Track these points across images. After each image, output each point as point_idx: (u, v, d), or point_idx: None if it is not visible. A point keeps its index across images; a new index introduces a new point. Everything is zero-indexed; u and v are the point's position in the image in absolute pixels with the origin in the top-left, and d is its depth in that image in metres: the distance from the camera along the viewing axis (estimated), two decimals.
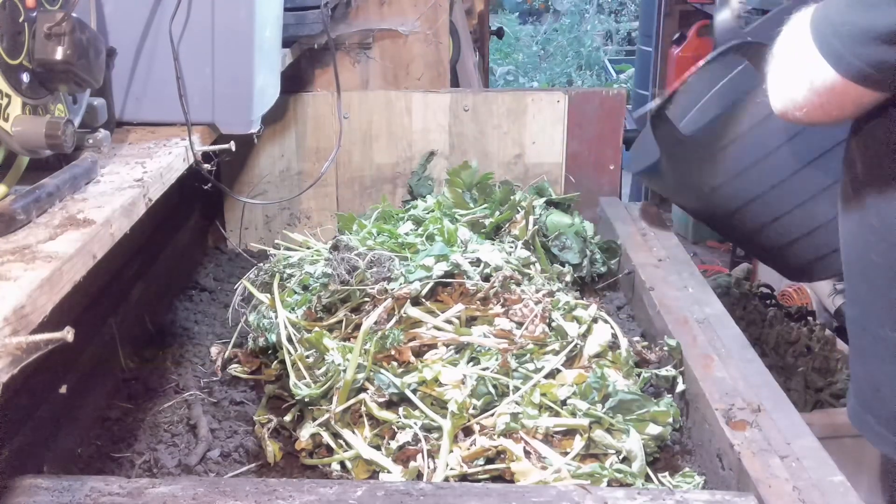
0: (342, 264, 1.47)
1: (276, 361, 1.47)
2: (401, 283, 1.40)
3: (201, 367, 1.55)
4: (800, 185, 1.64)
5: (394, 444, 1.22)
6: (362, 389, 1.29)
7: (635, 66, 6.10)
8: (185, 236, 1.99)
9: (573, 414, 1.24)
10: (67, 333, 0.70)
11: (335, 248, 1.56)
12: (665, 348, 1.39)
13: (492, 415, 1.24)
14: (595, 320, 1.48)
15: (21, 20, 0.85)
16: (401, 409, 1.27)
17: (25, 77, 0.87)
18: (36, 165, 0.96)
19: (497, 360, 1.31)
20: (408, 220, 1.82)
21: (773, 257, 1.84)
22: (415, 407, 1.26)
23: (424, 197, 2.02)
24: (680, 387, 1.34)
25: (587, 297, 1.77)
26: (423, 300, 1.41)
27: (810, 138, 1.58)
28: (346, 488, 1.04)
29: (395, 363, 1.33)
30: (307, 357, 1.38)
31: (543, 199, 1.93)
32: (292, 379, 1.35)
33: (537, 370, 1.31)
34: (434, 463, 1.19)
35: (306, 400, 1.31)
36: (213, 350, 1.56)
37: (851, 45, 1.10)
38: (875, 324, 1.23)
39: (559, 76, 8.63)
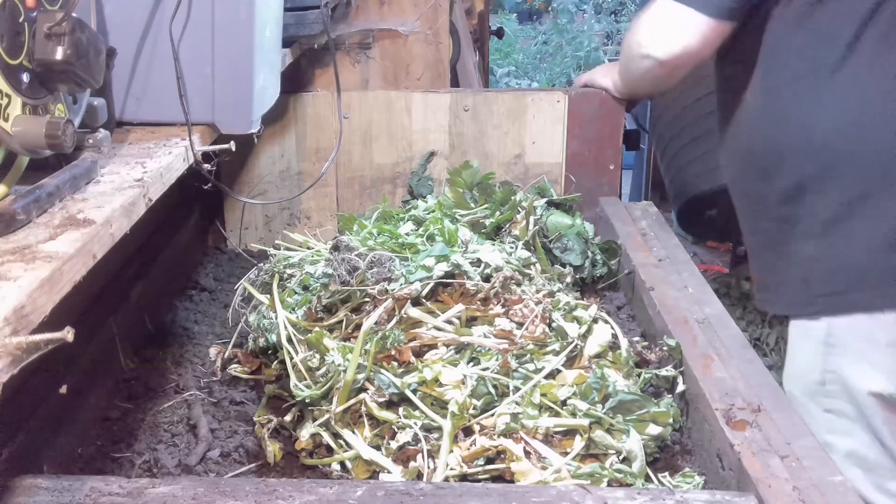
0: (343, 265, 1.47)
1: (276, 361, 1.47)
2: (401, 284, 1.40)
3: (201, 367, 1.55)
4: None
5: (394, 444, 1.22)
6: (362, 389, 1.29)
7: None
8: (185, 236, 1.99)
9: (573, 414, 1.24)
10: (67, 333, 0.70)
11: (336, 248, 1.56)
12: (665, 348, 1.39)
13: (492, 415, 1.24)
14: (595, 320, 1.48)
15: (21, 20, 0.85)
16: (401, 409, 1.27)
17: (25, 77, 0.87)
18: (36, 165, 0.96)
19: (497, 360, 1.31)
20: (408, 220, 1.82)
21: None
22: (415, 407, 1.26)
23: (425, 197, 2.02)
24: (680, 387, 1.34)
25: (587, 297, 1.77)
26: (424, 300, 1.41)
27: None
28: (346, 488, 1.04)
29: (395, 363, 1.33)
30: (308, 359, 1.37)
31: (544, 200, 1.93)
32: (293, 380, 1.35)
33: (537, 370, 1.31)
34: (434, 463, 1.19)
35: (307, 401, 1.31)
36: (212, 351, 1.56)
37: None
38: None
39: (559, 76, 8.62)
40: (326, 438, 1.27)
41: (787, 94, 1.52)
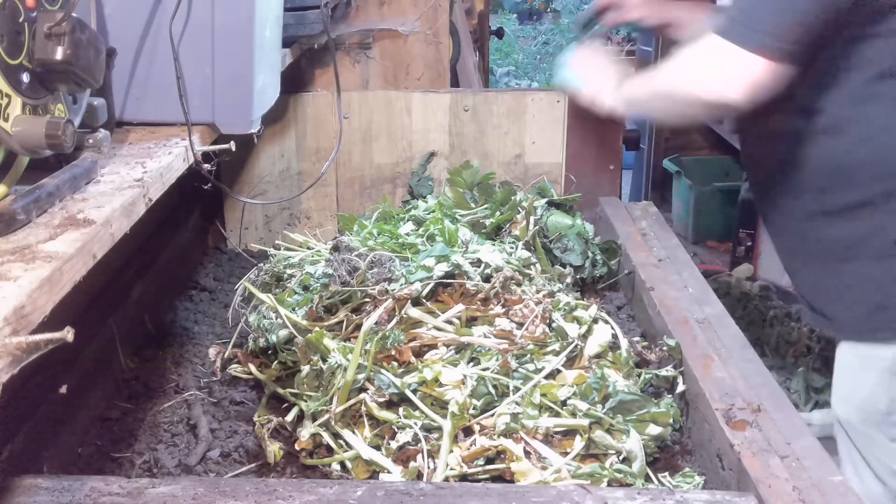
0: (343, 265, 1.47)
1: (276, 361, 1.47)
2: (402, 284, 1.40)
3: (201, 367, 1.55)
4: None
5: (394, 445, 1.22)
6: (363, 389, 1.29)
7: (635, 65, 6.10)
8: (185, 236, 1.99)
9: (573, 414, 1.24)
10: (67, 333, 0.70)
11: (336, 248, 1.56)
12: (665, 348, 1.39)
13: (492, 415, 1.24)
14: (595, 321, 1.48)
15: (21, 20, 0.85)
16: (401, 410, 1.27)
17: (25, 77, 0.87)
18: (36, 165, 0.96)
19: (497, 360, 1.31)
20: (408, 220, 1.82)
21: None
22: (415, 407, 1.26)
23: (425, 197, 2.02)
24: (680, 387, 1.34)
25: (587, 297, 1.77)
26: (424, 300, 1.41)
27: None
28: (346, 488, 1.03)
29: (395, 363, 1.33)
30: (308, 361, 1.38)
31: (545, 200, 1.93)
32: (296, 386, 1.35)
33: (537, 370, 1.31)
34: (434, 463, 1.19)
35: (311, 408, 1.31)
36: (212, 351, 1.56)
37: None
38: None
39: None
40: (326, 438, 1.27)
41: (858, 110, 1.39)
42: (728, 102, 1.39)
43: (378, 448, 1.24)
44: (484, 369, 1.29)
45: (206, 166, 1.28)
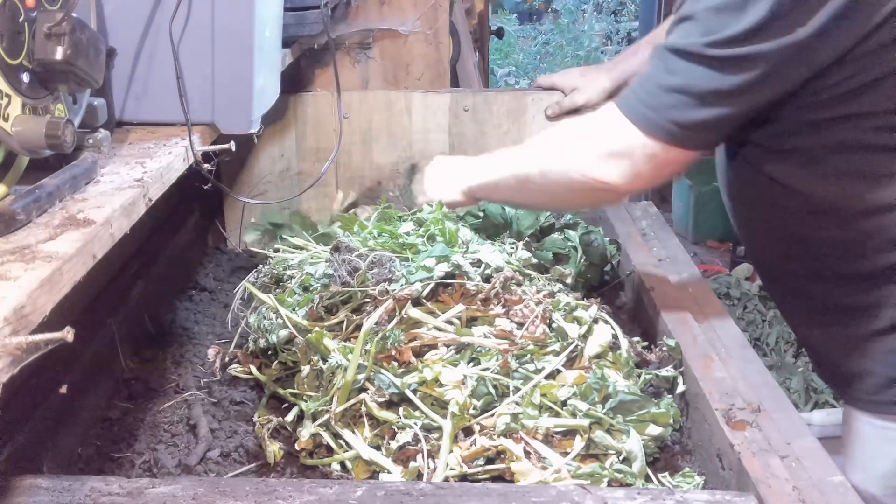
0: (343, 265, 1.47)
1: (276, 362, 1.47)
2: (402, 284, 1.40)
3: (201, 367, 1.55)
4: None
5: (394, 445, 1.22)
6: (363, 389, 1.29)
7: None
8: (185, 236, 1.99)
9: (573, 414, 1.24)
10: (67, 333, 0.70)
11: (336, 249, 1.56)
12: (665, 348, 1.39)
13: (492, 415, 1.24)
14: (595, 321, 1.47)
15: (21, 20, 0.85)
16: (401, 410, 1.27)
17: (25, 77, 0.87)
18: (36, 165, 0.96)
19: (497, 360, 1.31)
20: (408, 220, 1.82)
21: None
22: (415, 407, 1.26)
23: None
24: (680, 387, 1.34)
25: (587, 297, 1.77)
26: (424, 301, 1.41)
27: None
28: (346, 488, 1.04)
29: (395, 363, 1.33)
30: (308, 361, 1.38)
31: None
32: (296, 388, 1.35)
33: (538, 371, 1.31)
34: (434, 463, 1.19)
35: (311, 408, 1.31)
36: (211, 352, 1.55)
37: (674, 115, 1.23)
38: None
39: None
40: (326, 438, 1.27)
41: (869, 181, 1.26)
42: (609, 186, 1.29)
43: (378, 448, 1.24)
44: (484, 369, 1.29)
45: (206, 166, 1.28)
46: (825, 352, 1.45)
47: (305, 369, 1.36)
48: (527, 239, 1.75)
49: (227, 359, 1.53)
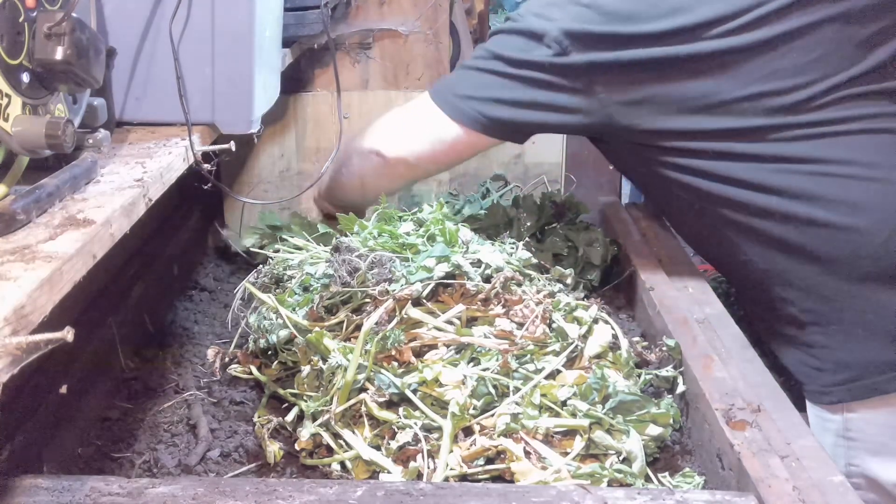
0: (343, 266, 1.47)
1: (276, 362, 1.47)
2: (402, 285, 1.40)
3: (201, 367, 1.55)
4: None
5: (394, 445, 1.22)
6: (363, 389, 1.29)
7: None
8: (185, 236, 1.99)
9: (573, 414, 1.24)
10: (67, 333, 0.70)
11: (336, 249, 1.56)
12: (665, 348, 1.39)
13: (492, 415, 1.24)
14: (595, 321, 1.47)
15: (21, 20, 0.85)
16: (401, 410, 1.27)
17: (25, 77, 0.87)
18: (36, 165, 0.96)
19: (497, 360, 1.31)
20: (409, 220, 1.82)
21: None
22: (415, 407, 1.26)
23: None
24: (680, 387, 1.34)
25: (587, 297, 1.77)
26: (424, 301, 1.41)
27: None
28: (346, 488, 1.03)
29: (395, 363, 1.32)
30: (308, 362, 1.37)
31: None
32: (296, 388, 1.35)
33: (538, 371, 1.31)
34: (434, 463, 1.19)
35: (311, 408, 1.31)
36: (210, 352, 1.55)
37: (474, 105, 1.53)
38: None
39: None
40: (326, 438, 1.27)
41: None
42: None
43: (378, 448, 1.24)
44: (484, 369, 1.29)
45: (206, 166, 1.28)
46: (779, 343, 1.60)
47: (305, 369, 1.36)
48: (527, 239, 1.75)
49: (227, 359, 1.53)
